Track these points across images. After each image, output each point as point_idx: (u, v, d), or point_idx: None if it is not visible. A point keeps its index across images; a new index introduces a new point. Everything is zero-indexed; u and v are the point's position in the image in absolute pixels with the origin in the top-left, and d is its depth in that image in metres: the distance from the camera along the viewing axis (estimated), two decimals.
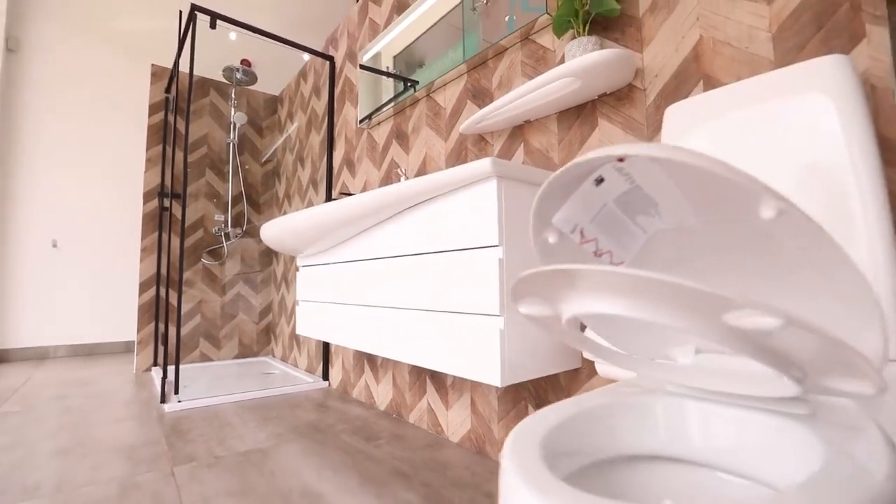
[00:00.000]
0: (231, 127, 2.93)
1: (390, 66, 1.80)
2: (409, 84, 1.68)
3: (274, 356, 2.95)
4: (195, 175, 2.82)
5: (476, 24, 1.37)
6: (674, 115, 0.81)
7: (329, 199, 2.26)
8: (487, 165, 0.87)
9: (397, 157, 1.78)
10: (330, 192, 2.28)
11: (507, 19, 1.26)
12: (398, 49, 1.76)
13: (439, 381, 1.46)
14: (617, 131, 1.00)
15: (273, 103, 3.20)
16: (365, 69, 1.93)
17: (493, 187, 0.89)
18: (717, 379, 0.53)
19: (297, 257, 1.81)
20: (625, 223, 0.50)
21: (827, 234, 0.37)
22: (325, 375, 2.22)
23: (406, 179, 1.54)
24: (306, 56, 2.70)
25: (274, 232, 1.61)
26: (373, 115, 1.88)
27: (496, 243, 0.88)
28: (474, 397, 1.32)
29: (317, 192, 2.45)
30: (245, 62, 3.75)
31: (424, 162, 1.62)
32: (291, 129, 2.89)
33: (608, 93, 1.02)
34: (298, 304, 1.75)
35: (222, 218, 2.91)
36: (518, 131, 1.25)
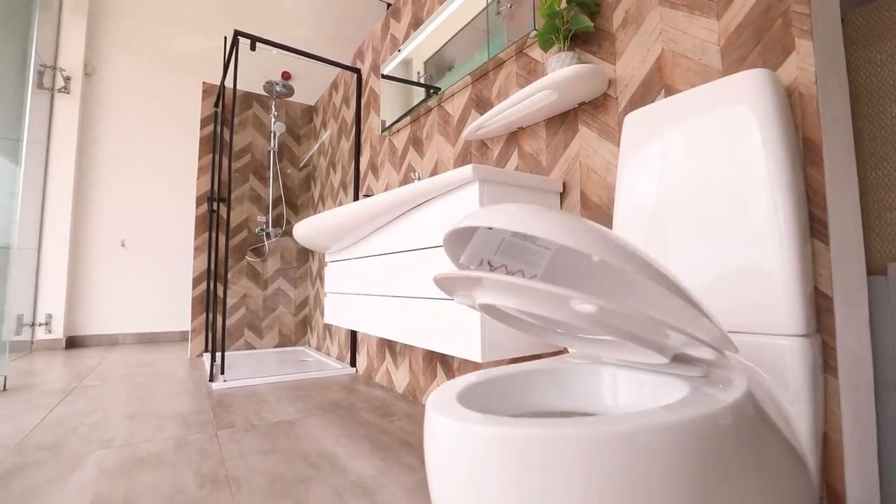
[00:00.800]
0: (271, 136, 3.20)
1: (421, 71, 1.86)
2: (433, 91, 1.76)
3: (310, 346, 3.20)
4: (240, 180, 3.12)
5: (501, 27, 1.43)
6: (631, 122, 0.90)
7: (356, 200, 2.46)
8: (469, 171, 1.00)
9: (413, 161, 1.94)
10: (357, 194, 2.48)
11: (501, 40, 1.37)
12: (428, 54, 1.81)
13: (447, 365, 1.60)
14: (594, 136, 1.10)
15: (309, 113, 3.46)
16: (386, 79, 2.10)
17: (475, 190, 1.02)
18: (626, 352, 0.64)
19: (325, 254, 2.01)
20: (526, 248, 0.62)
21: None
22: (353, 362, 2.41)
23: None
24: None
25: (305, 230, 1.82)
26: (393, 125, 2.05)
27: None
28: None
29: (346, 194, 2.65)
30: (285, 74, 4.06)
31: (436, 166, 1.76)
32: (325, 136, 3.13)
33: (586, 101, 1.13)
34: (326, 296, 1.95)
35: (264, 219, 3.19)
36: (513, 137, 1.37)
